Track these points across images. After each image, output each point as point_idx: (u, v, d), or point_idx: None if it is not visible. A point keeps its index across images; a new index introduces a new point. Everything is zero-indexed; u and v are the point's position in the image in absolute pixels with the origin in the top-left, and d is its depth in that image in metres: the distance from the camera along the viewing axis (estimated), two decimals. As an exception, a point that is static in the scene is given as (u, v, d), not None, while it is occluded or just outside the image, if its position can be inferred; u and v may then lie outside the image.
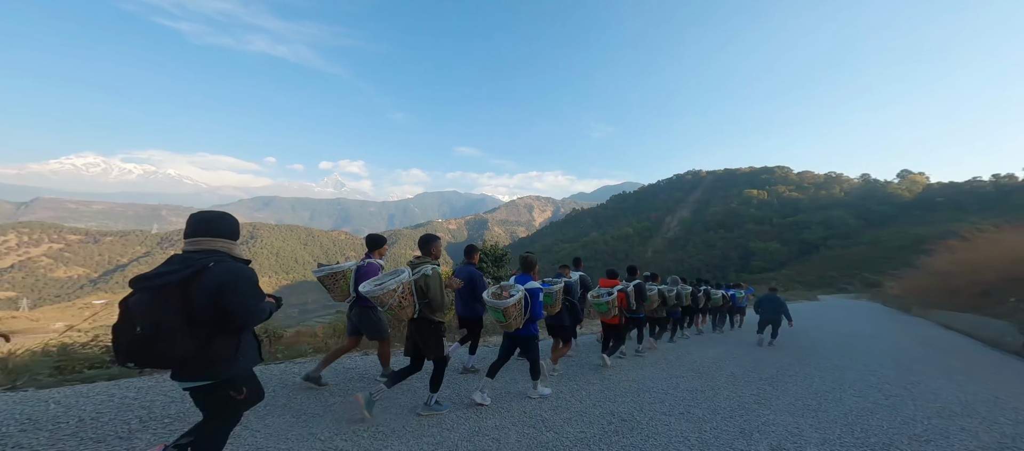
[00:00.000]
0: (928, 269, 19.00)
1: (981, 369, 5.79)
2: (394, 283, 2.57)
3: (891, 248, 55.46)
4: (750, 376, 4.64)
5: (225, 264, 1.64)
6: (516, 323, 3.15)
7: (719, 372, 4.76)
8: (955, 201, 74.68)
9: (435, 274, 2.78)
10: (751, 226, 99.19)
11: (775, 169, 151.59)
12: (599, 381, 4.06)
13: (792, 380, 4.55)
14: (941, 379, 5.00)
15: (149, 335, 1.46)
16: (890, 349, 7.21)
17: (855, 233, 78.60)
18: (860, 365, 5.53)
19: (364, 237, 3.64)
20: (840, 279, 48.90)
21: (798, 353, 6.34)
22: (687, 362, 5.18)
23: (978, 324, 10.88)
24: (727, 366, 5.10)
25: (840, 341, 7.97)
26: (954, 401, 4.10)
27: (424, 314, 2.78)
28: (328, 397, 3.16)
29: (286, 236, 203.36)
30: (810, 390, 4.23)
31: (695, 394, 3.88)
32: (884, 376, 4.98)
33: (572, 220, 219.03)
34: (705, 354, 5.87)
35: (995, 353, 8.09)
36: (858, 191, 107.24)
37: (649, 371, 4.55)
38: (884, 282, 30.11)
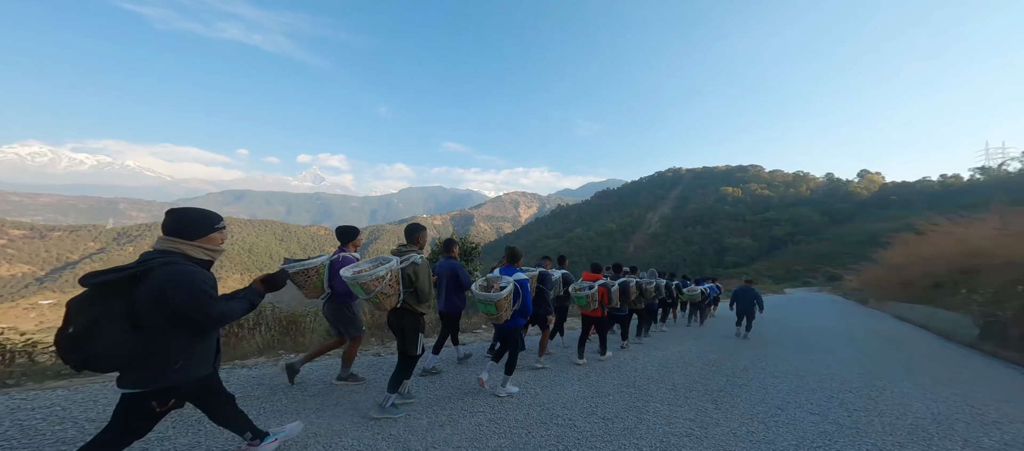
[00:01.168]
0: (884, 262, 19.85)
1: (943, 368, 5.41)
2: (383, 270, 2.50)
3: (851, 243, 59.02)
4: (695, 388, 3.94)
5: (171, 266, 1.54)
6: (506, 315, 3.13)
7: (659, 384, 4.01)
8: (907, 199, 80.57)
9: (424, 263, 2.73)
10: (726, 223, 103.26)
11: (749, 168, 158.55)
12: (499, 404, 3.12)
13: (743, 392, 3.89)
14: (906, 382, 4.51)
15: (79, 335, 1.39)
16: (851, 346, 6.87)
17: (819, 229, 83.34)
18: (821, 368, 5.00)
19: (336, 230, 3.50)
20: (805, 273, 51.49)
21: (758, 352, 5.87)
22: (627, 371, 4.41)
23: (931, 316, 11.09)
24: (673, 374, 4.39)
25: (802, 337, 7.65)
26: (926, 415, 3.52)
27: (408, 304, 2.72)
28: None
29: (260, 231, 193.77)
30: (761, 406, 3.53)
31: (612, 422, 2.98)
32: (846, 380, 4.46)
33: (557, 216, 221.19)
34: (655, 357, 5.21)
35: (950, 346, 7.96)
36: (823, 189, 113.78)
37: (572, 387, 3.72)
38: (844, 276, 31.84)
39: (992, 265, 9.68)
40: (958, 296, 11.16)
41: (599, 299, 4.57)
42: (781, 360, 5.40)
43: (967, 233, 12.35)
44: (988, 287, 9.17)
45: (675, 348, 5.96)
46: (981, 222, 12.30)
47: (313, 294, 3.12)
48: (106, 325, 1.42)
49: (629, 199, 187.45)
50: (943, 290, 12.38)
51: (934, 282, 12.84)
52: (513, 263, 3.60)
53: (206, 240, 1.69)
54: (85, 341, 1.40)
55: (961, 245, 12.06)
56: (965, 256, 11.38)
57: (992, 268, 9.64)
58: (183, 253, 1.63)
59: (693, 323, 9.23)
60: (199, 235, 1.67)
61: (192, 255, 1.65)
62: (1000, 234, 10.87)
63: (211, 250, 1.71)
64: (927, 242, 15.28)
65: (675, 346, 6.15)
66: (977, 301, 9.14)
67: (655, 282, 6.40)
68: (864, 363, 5.51)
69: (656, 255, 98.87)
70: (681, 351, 5.77)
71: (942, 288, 12.47)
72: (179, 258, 1.61)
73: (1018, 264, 8.64)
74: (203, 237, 1.68)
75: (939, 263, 12.91)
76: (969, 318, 8.49)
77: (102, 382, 3.24)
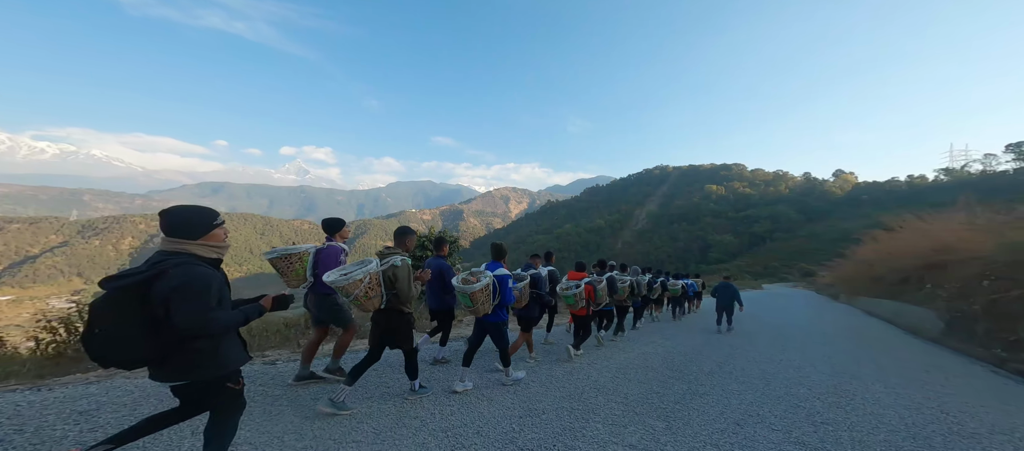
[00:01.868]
0: (855, 258, 20.32)
1: (913, 367, 5.17)
2: (361, 273, 2.53)
3: (824, 240, 61.26)
4: (649, 400, 3.42)
5: (184, 268, 1.57)
6: (484, 308, 3.15)
7: (609, 396, 3.46)
8: (877, 199, 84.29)
9: (404, 265, 2.76)
10: (710, 220, 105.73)
11: (732, 166, 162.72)
12: (413, 422, 2.60)
13: (701, 403, 3.41)
14: (877, 385, 4.19)
15: (106, 337, 1.51)
16: (823, 345, 6.63)
17: (796, 227, 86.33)
18: (790, 370, 4.64)
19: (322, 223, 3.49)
20: (782, 269, 53.14)
21: (727, 352, 5.51)
22: (577, 379, 3.88)
23: (897, 311, 11.19)
24: (627, 383, 3.87)
25: (775, 334, 7.43)
26: (899, 427, 3.15)
27: (393, 305, 2.78)
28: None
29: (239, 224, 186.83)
30: (719, 421, 3.07)
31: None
32: (816, 384, 4.09)
33: (547, 212, 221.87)
34: (616, 360, 4.73)
35: (917, 341, 7.91)
36: (800, 188, 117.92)
37: (503, 403, 3.14)
38: (818, 272, 32.85)
39: (957, 260, 9.75)
40: (923, 291, 11.31)
41: (586, 297, 4.61)
42: (749, 362, 5.02)
43: (933, 229, 12.51)
44: (953, 282, 9.22)
45: (641, 349, 5.52)
46: (947, 218, 12.50)
47: (295, 282, 3.04)
48: (130, 326, 1.51)
49: (618, 196, 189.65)
50: (909, 285, 12.58)
51: (901, 277, 13.05)
52: (498, 259, 3.56)
53: (210, 237, 1.69)
54: (113, 342, 1.50)
55: (928, 241, 12.21)
56: (931, 251, 11.50)
57: (957, 263, 9.71)
58: (191, 254, 1.63)
59: (677, 317, 9.64)
60: (201, 233, 1.66)
61: (201, 255, 1.65)
62: (966, 229, 10.99)
63: (217, 247, 1.71)
64: (896, 238, 15.59)
65: (642, 346, 5.73)
66: (942, 296, 9.18)
67: (637, 279, 6.45)
68: (835, 362, 5.20)
69: (643, 251, 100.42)
70: (646, 353, 5.32)
71: (909, 283, 12.66)
72: (189, 259, 1.61)
73: (982, 259, 8.66)
74: (205, 235, 1.68)
75: (907, 258, 13.10)
76: (934, 313, 8.45)
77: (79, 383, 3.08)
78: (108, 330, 1.49)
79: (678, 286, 8.96)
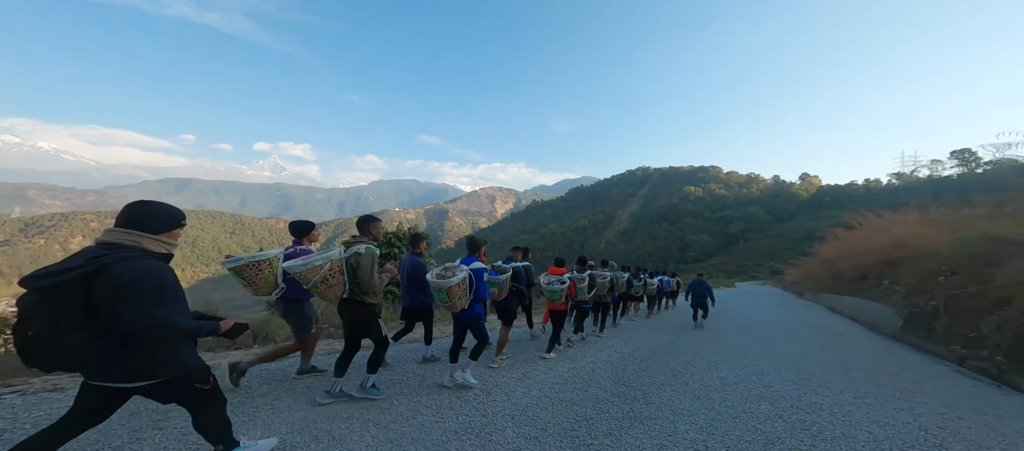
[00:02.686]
0: (819, 256, 20.95)
1: (881, 371, 4.75)
2: (320, 259, 2.50)
3: (791, 240, 64.34)
4: (574, 433, 2.72)
5: (129, 262, 1.45)
6: (461, 303, 3.12)
7: (524, 427, 2.76)
8: (838, 200, 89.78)
9: (368, 253, 2.70)
10: (688, 220, 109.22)
11: (710, 168, 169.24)
12: None
13: (639, 434, 2.75)
14: (846, 394, 3.71)
15: (42, 339, 1.38)
16: (789, 342, 6.27)
17: (766, 227, 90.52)
18: (753, 378, 4.11)
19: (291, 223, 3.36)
20: (753, 268, 55.30)
21: (689, 357, 4.95)
22: (496, 402, 3.17)
23: (857, 307, 11.29)
24: (555, 408, 3.17)
25: (742, 333, 7.06)
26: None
27: (355, 295, 2.73)
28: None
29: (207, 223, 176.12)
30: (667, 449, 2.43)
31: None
32: (779, 397, 3.54)
33: (532, 211, 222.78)
34: (556, 373, 4.02)
35: (879, 338, 7.71)
36: (771, 190, 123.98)
37: (390, 432, 2.45)
38: (785, 270, 34.08)
39: (914, 256, 9.84)
40: (882, 287, 11.47)
41: (566, 293, 4.60)
42: (710, 369, 4.46)
43: (891, 226, 12.77)
44: (909, 278, 9.26)
45: (592, 357, 4.82)
46: (903, 217, 12.80)
47: (265, 290, 2.88)
48: (70, 326, 1.38)
49: (601, 196, 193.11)
50: (868, 281, 12.81)
51: (861, 274, 13.29)
52: (473, 252, 3.52)
53: (170, 235, 1.63)
54: (50, 342, 1.37)
55: (886, 238, 12.43)
56: (889, 248, 11.67)
57: (914, 259, 9.80)
58: (140, 247, 1.52)
59: (651, 314, 9.90)
60: (164, 230, 1.60)
61: (151, 249, 1.55)
62: (921, 226, 11.19)
63: (170, 244, 1.65)
64: (856, 237, 16.01)
65: (594, 353, 5.05)
66: (899, 292, 9.20)
67: (615, 275, 6.42)
68: (800, 366, 4.71)
69: (625, 251, 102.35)
70: (595, 362, 4.60)
71: (868, 279, 12.90)
72: (135, 253, 1.49)
73: (938, 255, 8.68)
74: (168, 232, 1.62)
75: (866, 255, 13.34)
76: (893, 309, 8.36)
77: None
78: (44, 331, 1.35)
79: (654, 284, 9.24)
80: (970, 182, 27.20)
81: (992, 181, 21.10)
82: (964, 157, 70.62)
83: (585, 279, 4.95)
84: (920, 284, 8.49)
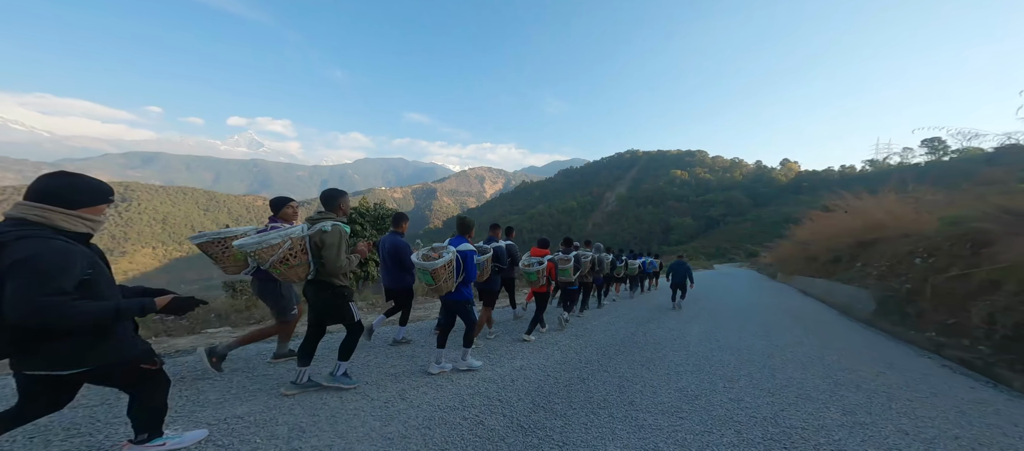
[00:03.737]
0: (794, 239, 21.11)
1: (864, 371, 4.10)
2: (277, 238, 2.25)
3: (768, 224, 66.25)
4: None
5: (29, 240, 1.28)
6: (447, 286, 2.99)
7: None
8: (814, 186, 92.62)
9: (335, 230, 2.44)
10: (673, 203, 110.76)
11: (696, 153, 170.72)
12: None
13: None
14: (832, 408, 3.02)
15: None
16: (763, 335, 5.65)
17: (746, 211, 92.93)
18: (720, 386, 3.37)
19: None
20: (731, 250, 56.85)
21: (646, 358, 4.15)
22: (398, 410, 2.38)
23: (829, 290, 11.12)
24: (459, 434, 2.38)
25: (711, 323, 6.39)
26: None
27: (322, 276, 2.50)
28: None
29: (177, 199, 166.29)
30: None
31: None
32: (750, 417, 2.79)
33: (521, 192, 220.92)
34: (492, 373, 3.27)
35: (854, 326, 7.24)
36: (752, 175, 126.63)
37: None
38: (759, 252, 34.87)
39: (888, 238, 9.56)
40: (854, 269, 11.34)
41: (547, 274, 4.51)
42: (671, 371, 3.70)
43: (866, 207, 12.52)
44: (883, 260, 8.99)
45: (522, 360, 3.83)
46: (881, 198, 12.54)
47: (234, 269, 2.78)
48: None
49: (590, 178, 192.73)
50: (841, 264, 12.73)
51: (834, 256, 13.20)
52: (463, 234, 3.32)
53: (93, 210, 1.45)
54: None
55: (860, 219, 12.19)
56: (864, 230, 11.42)
57: (888, 241, 9.53)
58: (50, 224, 1.33)
59: (632, 295, 9.86)
60: (84, 205, 1.41)
61: (64, 226, 1.36)
62: (898, 206, 10.90)
63: (92, 220, 1.45)
64: (830, 219, 15.92)
65: (529, 355, 4.08)
66: (872, 274, 8.94)
67: (600, 256, 6.37)
68: (776, 369, 3.94)
69: (611, 233, 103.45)
70: (527, 366, 3.69)
71: (841, 262, 12.81)
72: (40, 230, 1.31)
73: (915, 236, 8.33)
74: (90, 207, 1.43)
75: (840, 237, 13.18)
76: (866, 292, 8.04)
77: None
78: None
79: (636, 265, 9.19)
80: (938, 169, 28.07)
81: (958, 168, 21.51)
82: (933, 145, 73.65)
83: (569, 260, 4.81)
84: (894, 266, 8.18)
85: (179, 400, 2.44)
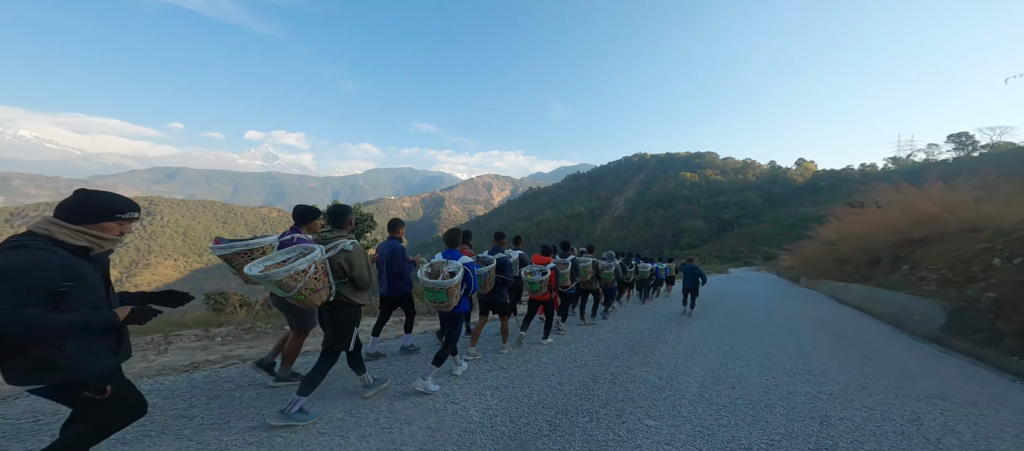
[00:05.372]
0: (819, 239, 19.17)
1: (990, 427, 2.68)
2: (304, 263, 2.11)
3: (785, 226, 63.03)
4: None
5: (12, 251, 1.32)
6: (454, 302, 2.91)
7: None
8: (833, 185, 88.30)
9: (358, 249, 2.45)
10: (684, 206, 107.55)
11: (706, 154, 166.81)
12: None
13: None
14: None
15: None
16: (797, 362, 4.16)
17: (761, 213, 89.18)
18: (745, 416, 2.29)
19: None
20: (747, 253, 54.04)
21: (622, 403, 2.95)
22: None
23: (869, 297, 9.40)
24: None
25: (725, 342, 5.01)
26: None
27: (343, 297, 2.44)
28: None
29: (197, 212, 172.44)
30: None
31: None
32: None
33: (528, 199, 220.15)
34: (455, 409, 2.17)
35: (916, 343, 5.65)
36: (766, 176, 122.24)
37: None
38: (779, 255, 32.66)
39: (946, 234, 7.91)
40: (900, 272, 9.62)
41: (549, 283, 4.39)
42: (663, 433, 2.41)
43: (910, 199, 10.75)
44: (942, 261, 7.36)
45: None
46: (924, 190, 10.78)
47: None
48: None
49: (598, 183, 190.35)
50: (881, 266, 10.99)
51: (873, 258, 11.46)
52: (453, 246, 3.20)
53: (97, 227, 1.46)
54: None
55: (905, 214, 10.41)
56: (911, 225, 9.67)
57: (945, 238, 7.87)
58: (49, 237, 1.37)
59: (644, 300, 9.64)
60: (86, 221, 1.44)
61: (61, 239, 1.39)
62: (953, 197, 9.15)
63: (96, 237, 1.46)
64: (864, 215, 14.10)
65: (468, 395, 2.99)
66: (929, 279, 7.31)
67: (613, 264, 6.34)
68: (815, 406, 2.68)
69: (620, 237, 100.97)
70: (496, 403, 2.69)
71: (880, 264, 11.07)
72: (32, 241, 1.34)
73: (985, 230, 6.70)
74: (93, 223, 1.45)
75: (879, 235, 11.40)
76: (928, 302, 6.41)
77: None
78: None
79: (647, 269, 9.04)
80: (967, 165, 25.50)
81: (991, 164, 19.29)
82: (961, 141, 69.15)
83: (567, 264, 4.78)
84: (962, 268, 6.56)
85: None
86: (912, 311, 6.85)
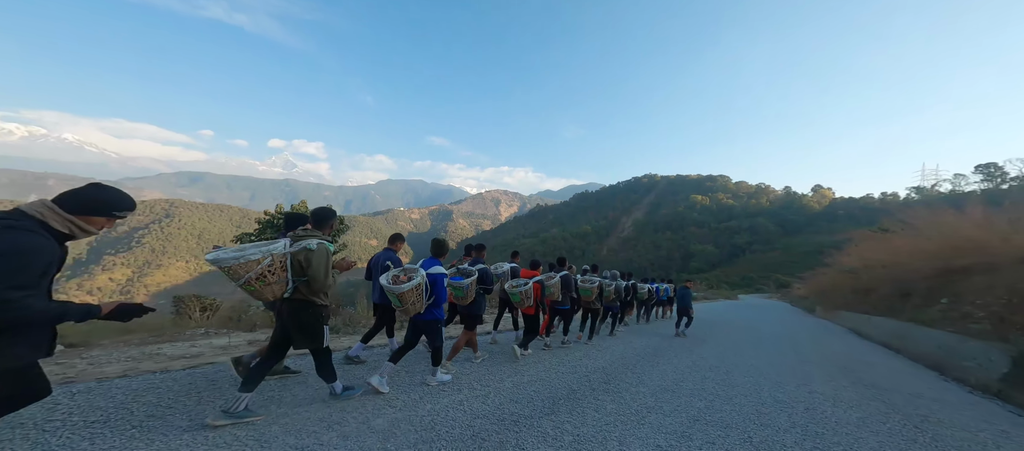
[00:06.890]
0: (837, 267, 17.52)
1: None
2: (257, 253, 2.13)
3: (799, 253, 60.14)
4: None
5: (5, 231, 1.31)
6: (415, 308, 2.96)
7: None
8: (851, 213, 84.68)
9: (321, 249, 2.45)
10: (693, 229, 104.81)
11: (718, 178, 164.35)
12: None
13: None
14: None
15: None
16: (795, 411, 3.13)
17: (774, 239, 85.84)
18: None
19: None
20: (759, 280, 51.39)
21: None
22: None
23: (904, 334, 7.92)
24: None
25: (709, 381, 4.00)
26: None
27: (301, 294, 2.42)
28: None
29: (214, 216, 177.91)
30: None
31: None
32: None
33: (535, 216, 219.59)
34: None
35: (972, 398, 4.28)
36: (780, 201, 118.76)
37: None
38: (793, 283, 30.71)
39: (996, 264, 6.58)
40: (938, 306, 8.19)
41: (533, 296, 4.51)
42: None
43: (948, 223, 9.37)
44: (994, 295, 6.03)
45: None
46: (964, 214, 9.42)
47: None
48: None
49: (606, 202, 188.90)
50: (912, 298, 9.52)
51: (901, 289, 10.00)
52: (437, 256, 3.35)
53: (83, 219, 1.50)
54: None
55: (943, 240, 9.02)
56: (951, 253, 8.29)
57: (996, 269, 6.54)
58: (41, 220, 1.41)
59: (642, 320, 9.87)
60: (78, 212, 1.48)
61: (52, 225, 1.43)
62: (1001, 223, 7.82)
63: (80, 227, 1.49)
64: (890, 241, 12.64)
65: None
66: (977, 316, 5.97)
67: (615, 284, 6.42)
68: None
69: (626, 258, 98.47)
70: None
71: (911, 296, 9.60)
72: (23, 221, 1.36)
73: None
74: (82, 216, 1.49)
75: (910, 263, 9.97)
76: (985, 344, 5.06)
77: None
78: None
79: (645, 289, 9.11)
80: (996, 197, 23.45)
81: (1020, 196, 17.51)
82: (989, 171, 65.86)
83: (553, 277, 4.82)
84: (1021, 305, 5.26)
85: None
86: (959, 354, 5.46)
